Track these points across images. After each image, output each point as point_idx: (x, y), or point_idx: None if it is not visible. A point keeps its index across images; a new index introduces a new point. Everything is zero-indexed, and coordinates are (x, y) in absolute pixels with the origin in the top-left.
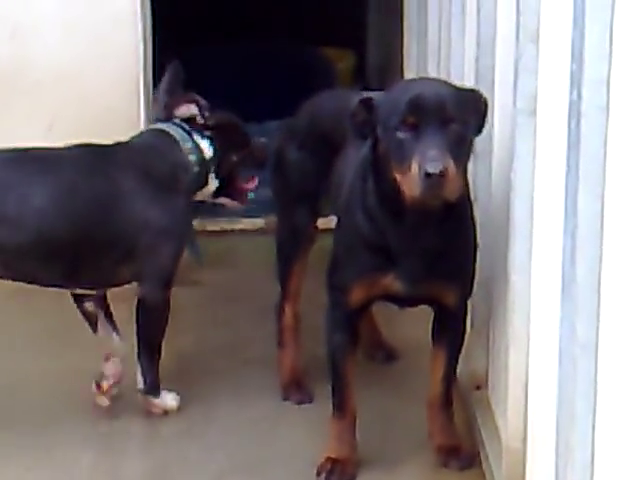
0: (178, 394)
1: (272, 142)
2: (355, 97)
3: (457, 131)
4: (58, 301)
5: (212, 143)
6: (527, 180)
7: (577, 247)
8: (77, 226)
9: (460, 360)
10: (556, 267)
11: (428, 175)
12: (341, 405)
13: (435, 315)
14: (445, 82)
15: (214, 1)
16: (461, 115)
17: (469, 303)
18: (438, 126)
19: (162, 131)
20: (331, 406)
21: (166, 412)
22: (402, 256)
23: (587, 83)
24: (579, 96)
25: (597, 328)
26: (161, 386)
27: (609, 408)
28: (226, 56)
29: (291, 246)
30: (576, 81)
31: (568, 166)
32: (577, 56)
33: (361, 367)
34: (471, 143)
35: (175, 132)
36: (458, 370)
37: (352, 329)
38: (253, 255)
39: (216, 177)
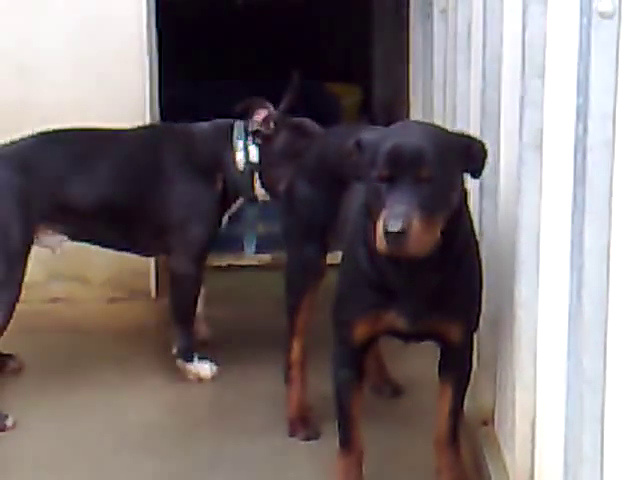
0: (215, 364)
1: None
2: (363, 133)
3: (434, 185)
4: (66, 338)
5: (259, 151)
6: (533, 215)
7: (583, 282)
8: (127, 196)
9: (467, 396)
10: (562, 303)
11: (390, 232)
12: (347, 441)
13: (441, 351)
14: (434, 128)
15: (220, 36)
16: (441, 167)
17: (475, 339)
18: (412, 180)
19: (228, 123)
20: (338, 442)
21: (200, 380)
22: (403, 294)
23: (593, 117)
24: (585, 130)
25: (604, 364)
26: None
27: (617, 444)
28: (231, 92)
29: (300, 281)
30: (582, 115)
31: (574, 200)
32: (583, 90)
33: (367, 403)
34: (453, 193)
35: (237, 128)
36: (465, 406)
37: (358, 365)
38: (260, 291)
39: (261, 185)
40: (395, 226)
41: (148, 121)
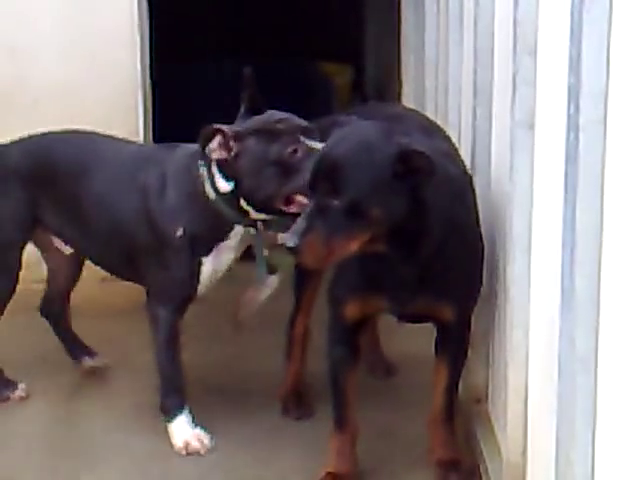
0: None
1: None
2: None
3: (347, 203)
4: None
5: (228, 179)
6: (525, 193)
7: (576, 260)
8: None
9: None
10: (555, 281)
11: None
12: (341, 419)
13: (437, 329)
14: (374, 135)
15: (212, 16)
16: (360, 184)
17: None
18: (323, 196)
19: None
20: (332, 421)
21: (187, 451)
22: (387, 279)
23: (585, 96)
24: (577, 109)
25: (596, 342)
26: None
27: (609, 422)
28: (224, 72)
29: None
30: (574, 94)
31: (566, 179)
32: (575, 69)
33: (361, 381)
34: (375, 209)
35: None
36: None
37: (352, 343)
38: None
39: (254, 209)
40: (290, 242)
41: (140, 103)
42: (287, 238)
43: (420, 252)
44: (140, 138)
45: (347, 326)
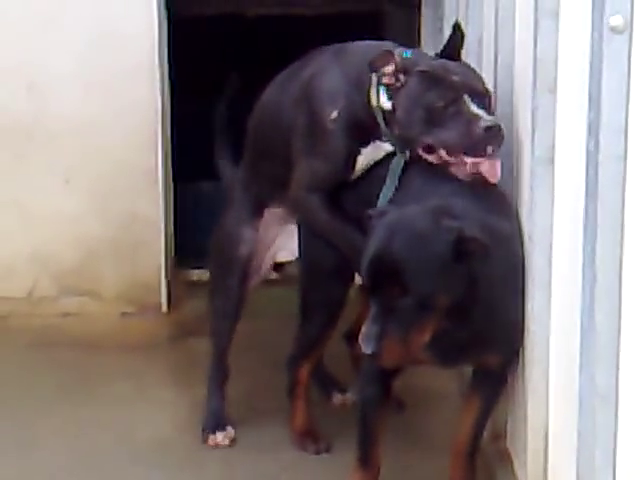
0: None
1: None
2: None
3: (413, 297)
4: (78, 353)
5: (393, 103)
6: (546, 229)
7: (596, 297)
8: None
9: None
10: (575, 316)
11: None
12: (366, 457)
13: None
14: (429, 219)
15: (232, 52)
16: (422, 276)
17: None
18: (388, 296)
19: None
20: (348, 456)
21: None
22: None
23: (604, 132)
24: (596, 145)
25: (617, 378)
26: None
27: (629, 459)
28: (244, 105)
29: None
30: (593, 130)
31: (586, 215)
32: (594, 105)
33: None
34: (441, 296)
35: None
36: None
37: (386, 384)
38: (272, 305)
39: (396, 140)
40: (367, 349)
41: (159, 141)
42: (364, 345)
43: (471, 320)
44: (159, 176)
45: (384, 370)
